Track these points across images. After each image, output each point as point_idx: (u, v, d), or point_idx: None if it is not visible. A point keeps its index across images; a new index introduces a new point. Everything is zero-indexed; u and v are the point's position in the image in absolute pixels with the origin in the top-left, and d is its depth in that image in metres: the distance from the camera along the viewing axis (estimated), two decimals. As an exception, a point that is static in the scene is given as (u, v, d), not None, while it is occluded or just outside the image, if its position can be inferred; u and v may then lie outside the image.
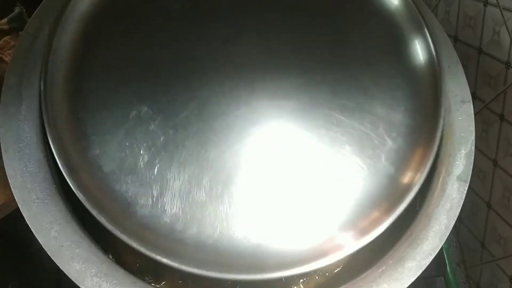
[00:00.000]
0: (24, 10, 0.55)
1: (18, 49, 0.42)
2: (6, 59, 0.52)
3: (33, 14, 0.43)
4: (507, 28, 0.50)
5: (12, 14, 0.54)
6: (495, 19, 0.53)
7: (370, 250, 0.50)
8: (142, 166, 0.40)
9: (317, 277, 0.54)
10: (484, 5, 0.54)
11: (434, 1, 0.64)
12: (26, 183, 0.39)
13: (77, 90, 0.42)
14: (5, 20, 0.54)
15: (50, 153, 0.41)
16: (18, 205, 0.38)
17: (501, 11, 0.51)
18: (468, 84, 0.46)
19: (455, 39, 0.61)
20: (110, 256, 0.47)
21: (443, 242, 0.41)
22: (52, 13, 0.44)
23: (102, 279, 0.37)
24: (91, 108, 0.41)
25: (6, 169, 0.39)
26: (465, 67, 0.49)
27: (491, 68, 0.54)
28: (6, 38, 0.54)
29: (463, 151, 0.44)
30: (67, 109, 0.41)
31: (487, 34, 0.54)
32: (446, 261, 0.55)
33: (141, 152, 0.40)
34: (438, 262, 0.41)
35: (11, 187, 0.39)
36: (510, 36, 0.50)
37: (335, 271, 0.54)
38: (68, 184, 0.40)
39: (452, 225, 0.41)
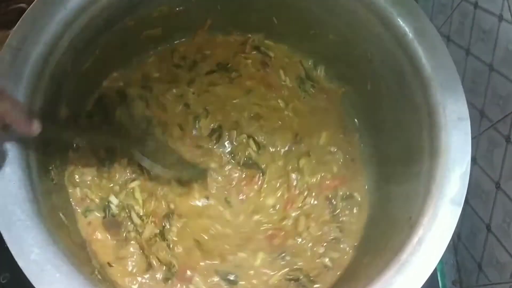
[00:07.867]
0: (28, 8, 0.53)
1: (0, 64, 0.41)
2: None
3: (15, 27, 0.42)
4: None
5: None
6: (509, 37, 0.49)
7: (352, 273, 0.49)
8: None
9: None
10: (498, 20, 0.50)
11: (449, 10, 0.60)
12: (6, 205, 0.38)
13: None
14: (8, 17, 0.53)
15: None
16: (-1, 227, 0.37)
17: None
18: (477, 100, 0.43)
19: (467, 52, 0.57)
20: (96, 272, 0.47)
21: (433, 269, 0.39)
22: (35, 25, 0.43)
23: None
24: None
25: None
26: (474, 83, 0.46)
27: (501, 88, 0.51)
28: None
29: (457, 172, 0.42)
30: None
31: (499, 52, 0.51)
32: (439, 282, 0.53)
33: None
34: (430, 283, 0.39)
35: (-10, 208, 0.38)
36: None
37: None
38: (50, 204, 0.39)
39: (443, 251, 0.40)
